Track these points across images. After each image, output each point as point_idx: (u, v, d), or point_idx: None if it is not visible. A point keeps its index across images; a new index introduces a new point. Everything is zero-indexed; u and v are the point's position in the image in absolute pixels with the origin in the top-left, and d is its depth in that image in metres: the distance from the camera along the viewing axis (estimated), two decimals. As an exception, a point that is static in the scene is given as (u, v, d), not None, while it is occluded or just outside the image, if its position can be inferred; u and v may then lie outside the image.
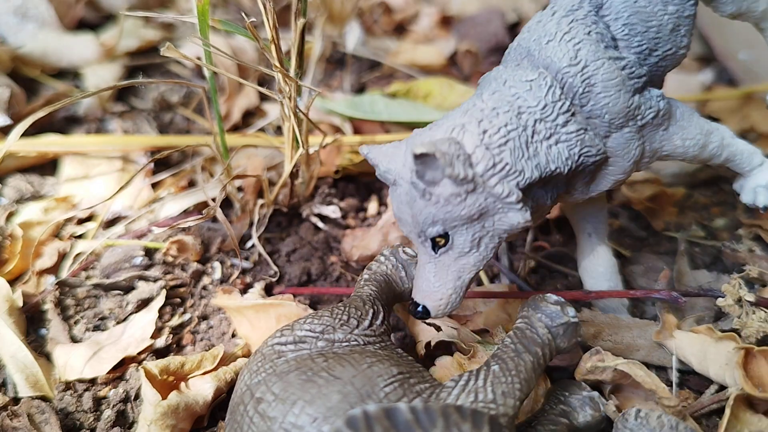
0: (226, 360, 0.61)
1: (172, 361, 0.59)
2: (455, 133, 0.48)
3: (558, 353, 0.52)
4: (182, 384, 0.59)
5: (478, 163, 0.47)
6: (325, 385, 0.45)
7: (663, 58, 0.56)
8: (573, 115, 0.51)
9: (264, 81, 0.98)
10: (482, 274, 0.71)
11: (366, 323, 0.52)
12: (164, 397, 0.55)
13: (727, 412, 0.52)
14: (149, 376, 0.56)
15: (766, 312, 0.57)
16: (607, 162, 0.55)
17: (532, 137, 0.50)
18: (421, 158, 0.45)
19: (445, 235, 0.49)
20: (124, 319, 0.66)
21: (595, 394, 0.55)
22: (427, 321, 0.59)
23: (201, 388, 0.58)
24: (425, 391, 0.47)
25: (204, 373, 0.59)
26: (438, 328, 0.62)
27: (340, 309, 0.53)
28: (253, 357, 0.50)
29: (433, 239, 0.49)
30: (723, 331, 0.62)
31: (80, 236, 0.75)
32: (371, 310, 0.53)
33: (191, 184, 0.81)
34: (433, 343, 0.61)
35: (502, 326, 0.62)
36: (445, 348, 0.62)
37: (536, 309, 0.52)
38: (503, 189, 0.47)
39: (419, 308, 0.51)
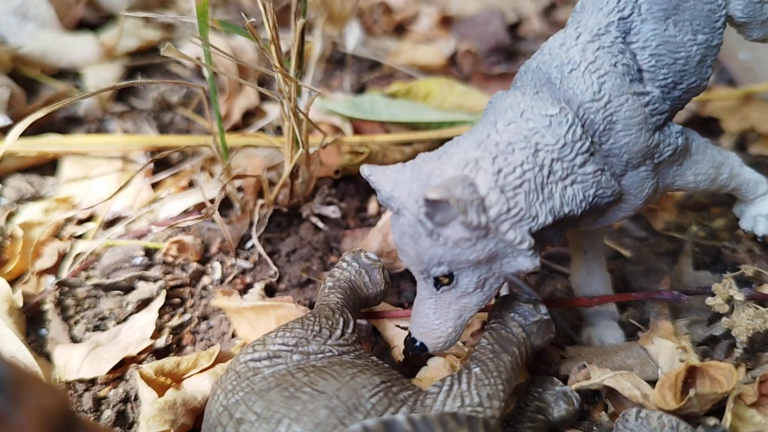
0: (222, 359, 0.61)
1: (167, 361, 0.59)
2: (468, 170, 0.45)
3: (533, 350, 0.53)
4: (181, 384, 0.59)
5: (492, 206, 0.44)
6: (309, 400, 0.44)
7: (686, 92, 0.52)
8: (592, 155, 0.48)
9: (264, 81, 0.98)
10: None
11: (338, 333, 0.51)
12: (161, 397, 0.55)
13: (728, 415, 0.52)
14: (145, 377, 0.57)
15: (756, 310, 0.57)
16: (620, 199, 0.52)
17: (548, 178, 0.46)
18: (432, 202, 0.43)
19: (450, 275, 0.47)
20: (124, 320, 0.66)
21: (568, 388, 0.55)
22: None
23: (199, 385, 0.58)
24: (409, 399, 0.46)
25: (201, 371, 0.59)
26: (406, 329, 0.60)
27: (310, 320, 0.51)
28: (226, 375, 0.48)
29: (436, 277, 0.47)
30: (713, 336, 0.62)
31: (80, 236, 0.75)
32: (341, 319, 0.52)
33: (191, 184, 0.81)
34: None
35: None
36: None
37: (509, 308, 0.52)
38: (515, 235, 0.45)
39: (417, 344, 0.50)
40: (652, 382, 0.57)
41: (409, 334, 0.51)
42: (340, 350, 0.50)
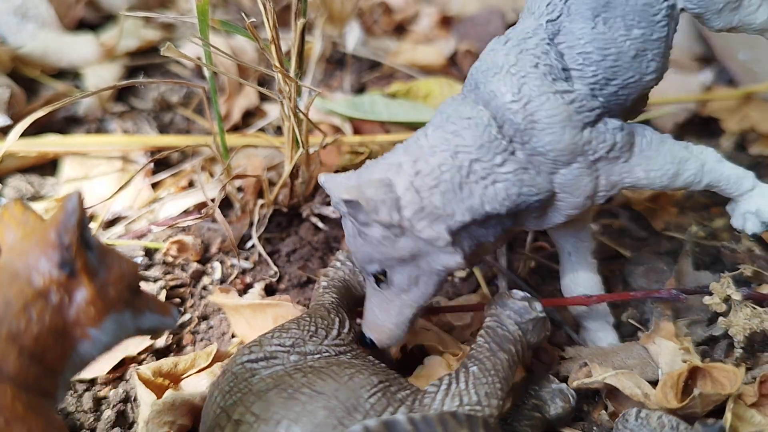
0: (220, 358, 0.61)
1: (165, 362, 0.59)
2: (391, 173, 0.48)
3: (529, 348, 0.53)
4: (179, 384, 0.59)
5: (407, 206, 0.47)
6: (308, 401, 0.44)
7: (623, 87, 0.52)
8: (512, 153, 0.50)
9: (264, 81, 0.98)
10: (479, 275, 0.71)
11: (334, 333, 0.51)
12: (159, 398, 0.55)
13: (728, 415, 0.52)
14: (143, 379, 0.57)
15: (753, 309, 0.57)
16: (556, 197, 0.53)
17: (467, 177, 0.48)
18: (348, 204, 0.46)
19: (384, 273, 0.50)
20: (124, 320, 0.66)
21: (564, 386, 0.55)
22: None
23: (197, 385, 0.58)
24: (408, 399, 0.46)
25: (199, 371, 0.60)
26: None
27: (306, 320, 0.51)
28: (223, 377, 0.48)
29: (375, 275, 0.51)
30: (713, 337, 0.62)
31: (80, 236, 0.75)
32: (337, 319, 0.52)
33: (191, 184, 0.81)
34: (409, 347, 0.61)
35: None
36: (420, 351, 0.62)
37: (504, 306, 0.53)
38: (431, 233, 0.47)
39: (366, 339, 0.53)
40: (653, 383, 0.57)
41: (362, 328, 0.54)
42: (336, 350, 0.50)
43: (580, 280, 0.62)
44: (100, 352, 0.38)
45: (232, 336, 0.65)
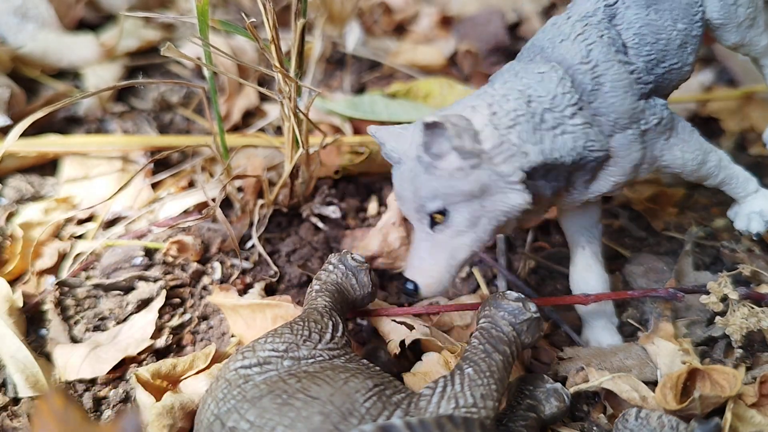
0: (219, 358, 0.61)
1: (164, 364, 0.59)
2: (466, 113, 0.50)
3: (523, 349, 0.53)
4: (178, 386, 0.59)
5: (486, 140, 0.49)
6: (303, 407, 0.43)
7: (669, 71, 0.57)
8: (581, 109, 0.53)
9: (264, 81, 0.98)
10: (479, 276, 0.71)
11: (327, 336, 0.51)
12: (158, 400, 0.55)
13: (728, 415, 0.52)
14: (142, 381, 0.57)
15: (751, 309, 0.57)
16: (609, 161, 0.56)
17: (540, 125, 0.51)
18: (430, 128, 0.47)
19: (444, 211, 0.50)
20: (124, 320, 0.66)
21: (559, 385, 0.55)
22: (410, 304, 0.58)
23: (196, 387, 0.58)
24: (403, 402, 0.46)
25: (197, 372, 0.59)
26: (411, 327, 0.61)
27: (299, 324, 0.51)
28: (216, 383, 0.47)
29: (431, 215, 0.50)
30: (712, 337, 0.62)
31: (80, 236, 0.75)
32: (330, 323, 0.52)
33: (191, 184, 0.81)
34: (408, 341, 0.60)
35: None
36: (416, 349, 0.62)
37: (498, 307, 0.53)
38: (507, 168, 0.49)
39: (409, 284, 0.51)
40: (651, 383, 0.57)
41: (403, 275, 0.53)
42: (330, 354, 0.49)
43: (593, 274, 0.63)
44: None
45: (232, 336, 0.66)
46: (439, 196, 0.49)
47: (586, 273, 0.63)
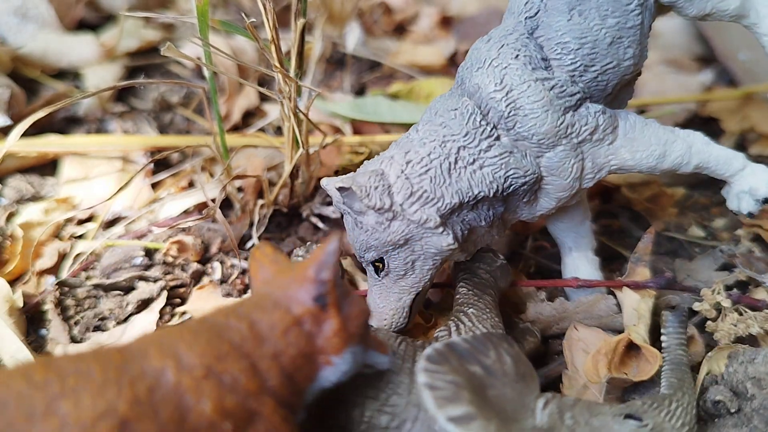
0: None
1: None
2: (384, 165, 0.52)
3: (499, 292, 0.58)
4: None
5: (398, 192, 0.51)
6: None
7: (602, 73, 0.54)
8: (497, 139, 0.53)
9: (264, 81, 0.98)
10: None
11: None
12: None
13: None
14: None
15: (741, 315, 0.57)
16: (545, 180, 0.55)
17: (456, 164, 0.52)
18: (342, 191, 0.50)
19: (381, 260, 0.53)
20: (125, 320, 0.66)
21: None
22: None
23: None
24: (425, 345, 0.50)
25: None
26: None
27: None
28: None
29: (373, 263, 0.54)
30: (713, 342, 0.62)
31: (80, 237, 0.75)
32: None
33: (191, 184, 0.81)
34: None
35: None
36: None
37: (473, 260, 0.59)
38: (422, 215, 0.51)
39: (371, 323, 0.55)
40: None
41: None
42: None
43: (581, 274, 0.63)
44: (337, 379, 0.43)
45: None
46: (371, 248, 0.52)
47: (576, 273, 0.64)
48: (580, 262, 0.64)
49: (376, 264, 0.54)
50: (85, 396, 0.34)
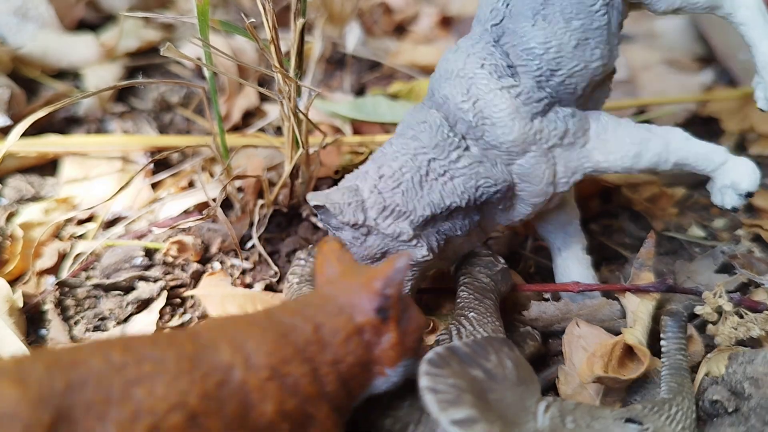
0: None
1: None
2: (359, 180, 0.53)
3: (500, 296, 0.58)
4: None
5: (371, 207, 0.51)
6: None
7: (570, 76, 0.54)
8: (466, 149, 0.53)
9: (264, 81, 0.98)
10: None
11: None
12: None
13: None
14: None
15: (741, 318, 0.57)
16: (518, 186, 0.55)
17: (427, 176, 0.52)
18: (318, 209, 0.52)
19: None
20: (125, 320, 0.66)
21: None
22: None
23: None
24: (426, 350, 0.50)
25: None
26: None
27: None
28: None
29: None
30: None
31: (80, 237, 0.75)
32: None
33: (191, 184, 0.81)
34: None
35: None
36: None
37: (474, 264, 0.59)
38: (395, 228, 0.51)
39: None
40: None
41: None
42: None
43: (573, 275, 0.63)
44: (387, 388, 0.44)
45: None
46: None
47: (567, 273, 0.64)
48: (570, 262, 0.63)
49: None
50: (160, 385, 0.34)
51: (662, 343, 0.55)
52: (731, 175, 0.56)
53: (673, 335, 0.55)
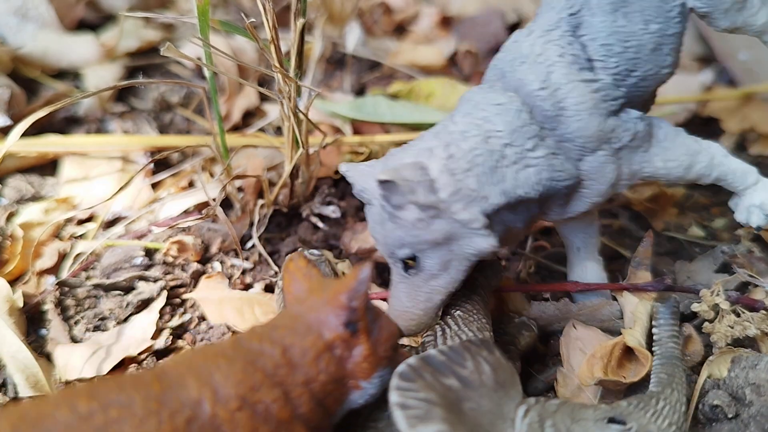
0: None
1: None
2: (423, 157, 0.48)
3: (490, 290, 0.58)
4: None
5: (443, 189, 0.47)
6: None
7: (643, 79, 0.54)
8: (542, 139, 0.51)
9: (264, 81, 0.98)
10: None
11: None
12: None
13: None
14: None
15: (738, 316, 0.57)
16: (582, 185, 0.54)
17: (500, 161, 0.49)
18: (385, 184, 0.46)
19: (414, 258, 0.50)
20: (125, 320, 0.66)
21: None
22: None
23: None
24: (410, 353, 0.49)
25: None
26: None
27: None
28: None
29: (403, 260, 0.50)
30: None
31: (80, 237, 0.75)
32: None
33: (191, 184, 0.81)
34: None
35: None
36: None
37: None
38: (467, 215, 0.48)
39: None
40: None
41: None
42: None
43: (588, 275, 0.63)
44: (364, 401, 0.43)
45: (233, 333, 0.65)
46: (406, 245, 0.49)
47: (584, 273, 0.63)
48: (588, 263, 0.63)
49: (407, 261, 0.50)
50: (128, 429, 0.34)
51: (654, 330, 0.54)
52: (761, 196, 0.58)
53: (665, 322, 0.54)
